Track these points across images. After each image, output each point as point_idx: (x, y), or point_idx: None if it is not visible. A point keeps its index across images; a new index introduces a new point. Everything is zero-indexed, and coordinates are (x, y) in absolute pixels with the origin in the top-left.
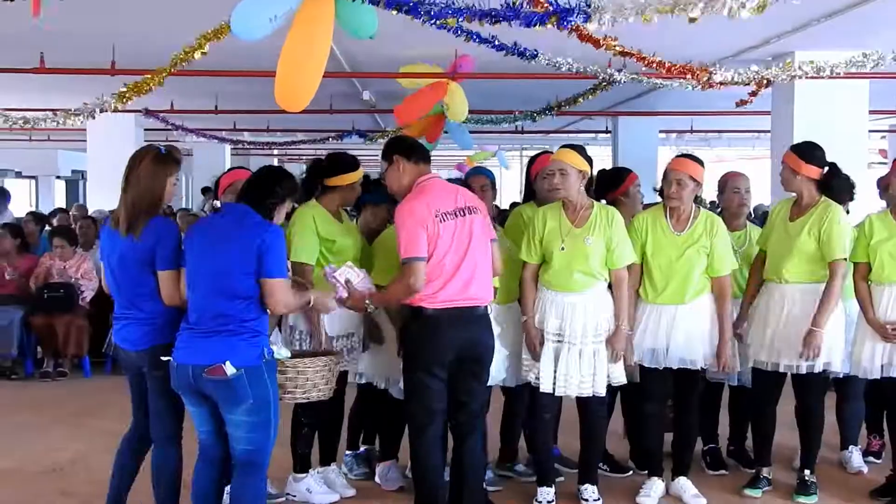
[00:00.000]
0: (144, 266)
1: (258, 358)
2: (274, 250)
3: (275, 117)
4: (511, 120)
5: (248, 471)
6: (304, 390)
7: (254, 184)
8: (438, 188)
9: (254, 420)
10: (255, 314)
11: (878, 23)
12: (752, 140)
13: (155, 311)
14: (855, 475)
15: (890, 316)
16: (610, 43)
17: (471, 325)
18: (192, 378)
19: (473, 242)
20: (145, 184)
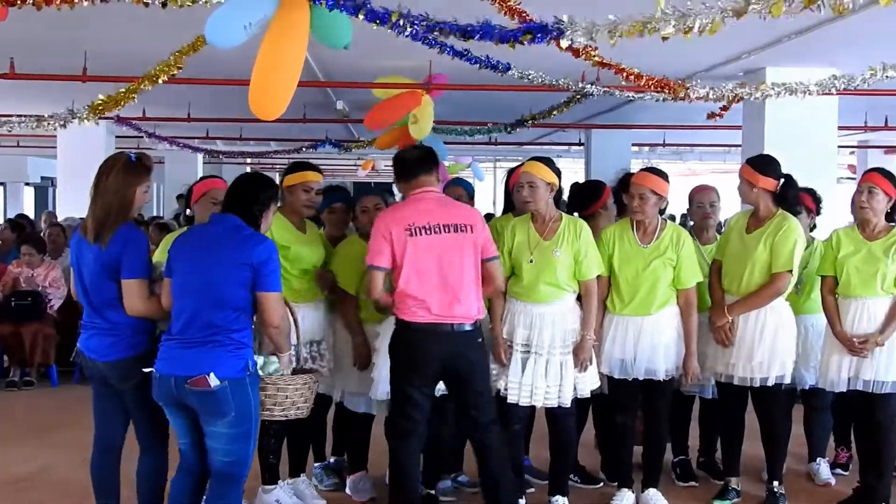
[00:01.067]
0: (110, 274)
1: (242, 370)
2: (269, 264)
3: (248, 126)
4: (485, 132)
5: (225, 482)
6: (283, 408)
7: (238, 193)
8: (423, 202)
9: (234, 432)
10: (242, 326)
11: (847, 40)
12: (724, 154)
13: (119, 322)
14: (823, 487)
15: (856, 329)
16: (590, 53)
17: (453, 341)
18: (174, 389)
19: (459, 259)
20: (114, 192)
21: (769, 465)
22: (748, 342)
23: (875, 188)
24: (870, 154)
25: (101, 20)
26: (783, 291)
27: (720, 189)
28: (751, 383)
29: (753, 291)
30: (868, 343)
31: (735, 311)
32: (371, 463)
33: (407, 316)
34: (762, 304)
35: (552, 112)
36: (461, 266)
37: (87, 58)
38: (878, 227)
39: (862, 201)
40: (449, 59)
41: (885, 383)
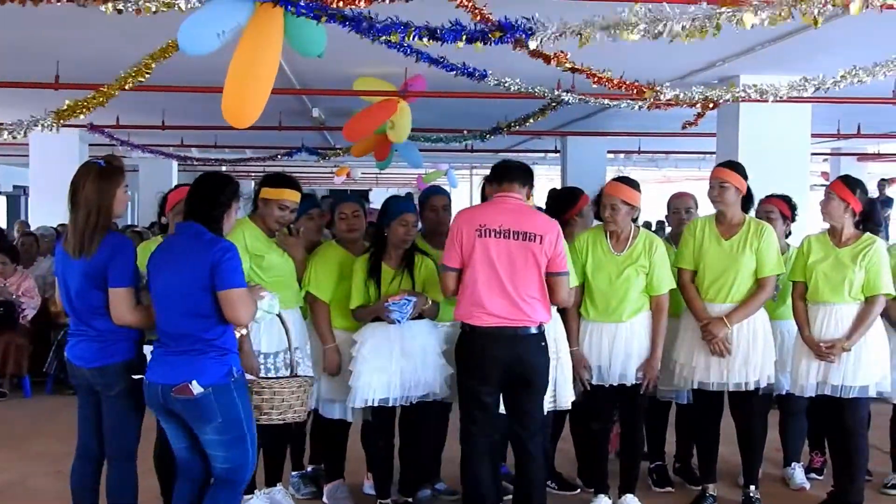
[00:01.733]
0: (96, 283)
1: (226, 376)
2: (225, 262)
3: (223, 133)
4: (461, 139)
5: (223, 487)
6: (279, 411)
7: (196, 197)
8: (498, 205)
9: (226, 438)
10: (219, 332)
11: (820, 47)
12: (699, 161)
13: (106, 329)
14: (798, 491)
15: (824, 335)
16: (561, 58)
17: (517, 344)
18: (161, 397)
19: (523, 265)
20: (93, 202)
21: (745, 470)
22: (744, 348)
23: (831, 194)
24: (843, 161)
25: (74, 27)
26: (772, 294)
27: (697, 195)
28: (745, 387)
29: (748, 298)
30: (835, 348)
31: (735, 320)
32: (348, 471)
33: (471, 320)
34: (757, 310)
35: (528, 119)
36: (525, 272)
37: (60, 65)
38: (847, 234)
39: (821, 207)
40: (425, 67)
41: (852, 388)
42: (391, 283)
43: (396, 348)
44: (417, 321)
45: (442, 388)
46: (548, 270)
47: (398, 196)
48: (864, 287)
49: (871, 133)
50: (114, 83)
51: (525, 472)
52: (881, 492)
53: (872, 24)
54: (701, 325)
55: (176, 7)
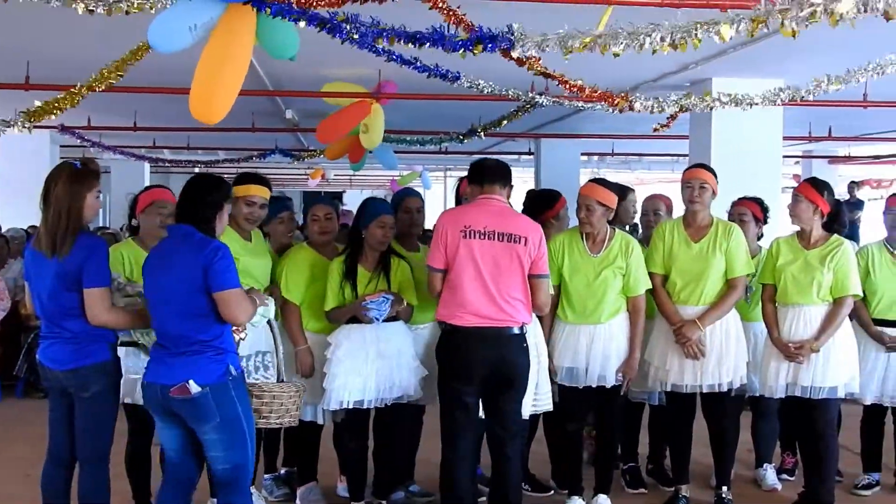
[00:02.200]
0: (70, 285)
1: (223, 375)
2: (217, 263)
3: (195, 135)
4: (436, 141)
5: (230, 490)
6: (278, 415)
7: (187, 199)
8: (483, 206)
9: (226, 437)
10: (215, 332)
11: (792, 51)
12: (672, 164)
13: (80, 331)
14: (769, 492)
15: (793, 336)
16: (533, 63)
17: (500, 344)
18: (160, 397)
19: (507, 266)
20: (63, 203)
21: (717, 472)
22: (717, 349)
23: (800, 196)
24: (814, 164)
25: (45, 27)
26: (743, 295)
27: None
28: (718, 389)
29: (719, 299)
30: (804, 349)
31: (708, 322)
32: (321, 473)
33: (453, 320)
34: (729, 310)
35: (502, 121)
36: (509, 273)
37: (31, 65)
38: (815, 236)
39: (789, 209)
40: (398, 68)
41: (821, 389)
42: (367, 285)
43: (372, 350)
44: (392, 323)
45: (416, 390)
46: (530, 272)
47: (376, 198)
48: (832, 288)
49: (841, 136)
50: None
51: (502, 474)
52: (852, 492)
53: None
54: (674, 328)
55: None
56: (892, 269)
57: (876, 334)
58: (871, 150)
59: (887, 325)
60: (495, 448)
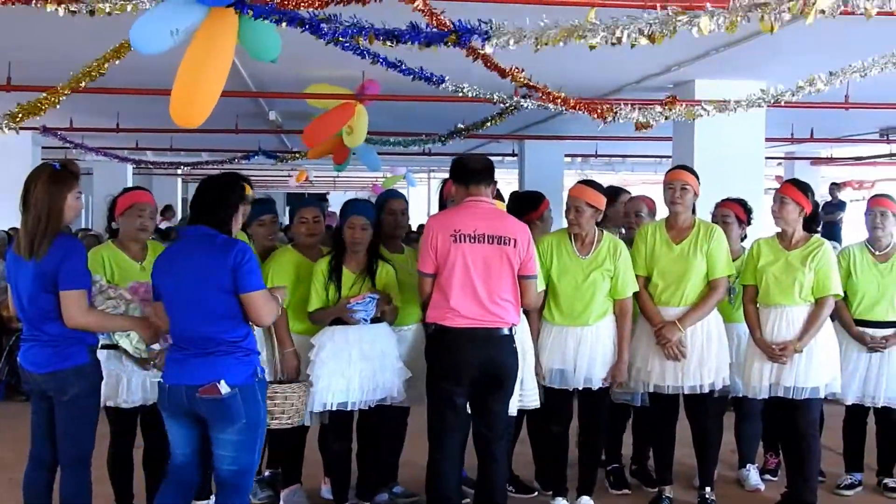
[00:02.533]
0: (47, 287)
1: (251, 377)
2: (246, 265)
3: (178, 136)
4: (419, 142)
5: (232, 492)
6: (289, 416)
7: (202, 200)
8: (472, 209)
9: (243, 439)
10: (242, 333)
11: (775, 52)
12: (655, 165)
13: (58, 334)
14: (752, 493)
15: (776, 336)
16: (515, 74)
17: (490, 345)
18: (185, 399)
19: (497, 268)
20: (43, 205)
21: (701, 472)
22: (699, 350)
23: (785, 198)
24: (796, 165)
25: (27, 29)
26: (724, 296)
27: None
28: (700, 390)
29: (700, 300)
30: (787, 350)
31: (688, 323)
32: (305, 475)
33: (444, 321)
34: (710, 312)
35: (486, 123)
36: (499, 275)
37: (12, 66)
38: (796, 237)
39: (774, 211)
40: (382, 70)
41: (804, 389)
42: (352, 287)
43: (355, 352)
44: (376, 325)
45: (400, 392)
46: (519, 273)
47: (357, 199)
48: (813, 288)
49: (823, 137)
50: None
51: (488, 475)
52: (834, 492)
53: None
54: (655, 329)
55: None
56: (874, 269)
57: (858, 335)
58: (853, 152)
59: (869, 326)
60: (482, 449)
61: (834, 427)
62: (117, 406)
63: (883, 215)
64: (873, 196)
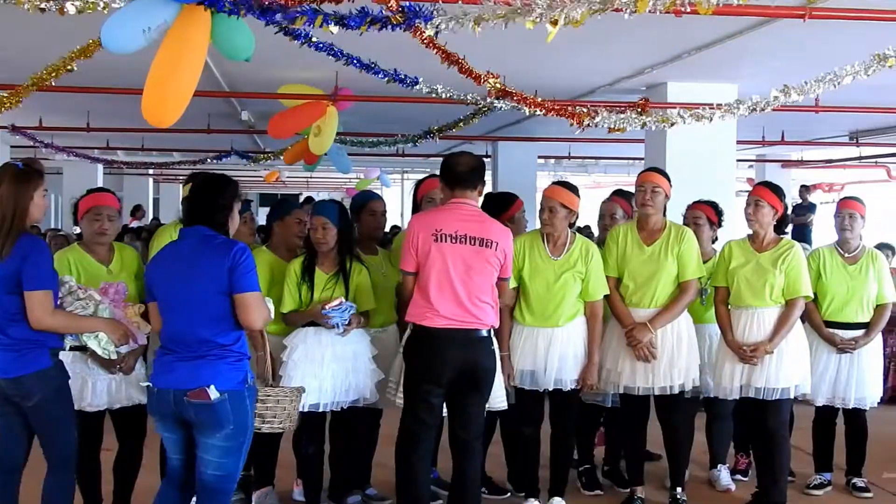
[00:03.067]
0: (9, 288)
1: (241, 383)
2: (242, 266)
3: (150, 136)
4: (392, 143)
5: (214, 497)
6: (280, 420)
7: (199, 201)
8: (455, 211)
9: (228, 445)
10: (234, 337)
11: (746, 55)
12: (628, 167)
13: (21, 337)
14: (724, 493)
15: (747, 338)
16: (491, 80)
17: (469, 346)
18: (173, 403)
19: (479, 270)
20: (9, 204)
21: (672, 473)
22: (668, 351)
23: (761, 201)
24: (767, 168)
25: None
26: (694, 298)
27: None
28: (670, 391)
29: (670, 302)
30: (758, 351)
31: (658, 324)
32: (277, 478)
33: (423, 321)
34: (680, 314)
35: (459, 124)
36: (480, 277)
37: None
38: (767, 239)
39: (749, 213)
40: (356, 71)
41: (775, 390)
42: (325, 288)
43: (328, 353)
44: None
45: (373, 394)
46: (498, 276)
47: (319, 200)
48: (784, 290)
49: (794, 140)
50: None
51: (463, 476)
52: (804, 492)
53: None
54: (625, 330)
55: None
56: (843, 271)
57: (828, 336)
58: (823, 155)
59: (839, 327)
60: (458, 449)
61: (804, 427)
62: (81, 409)
63: (852, 217)
64: (842, 198)
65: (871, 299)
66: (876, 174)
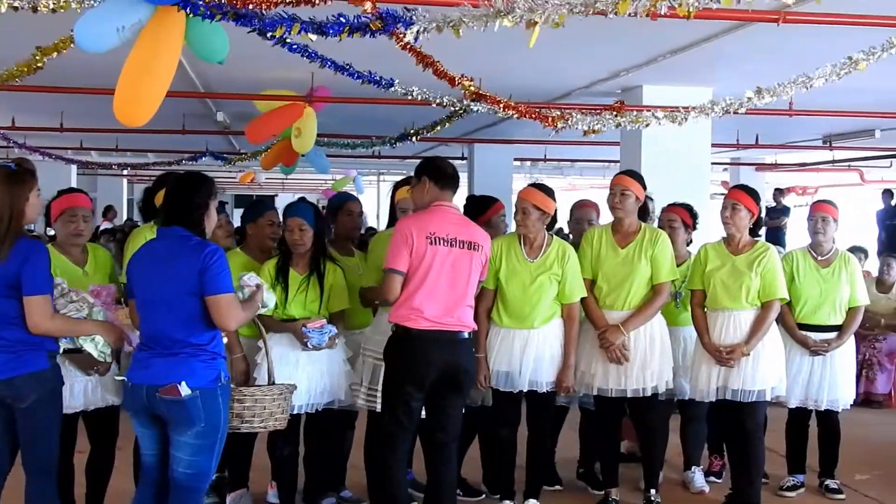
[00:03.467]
0: (6, 291)
1: (214, 381)
2: (213, 267)
3: (124, 136)
4: (368, 145)
5: (185, 495)
6: (261, 419)
7: (175, 200)
8: (444, 214)
9: (200, 443)
10: (208, 336)
11: (721, 59)
12: (603, 169)
13: (17, 339)
14: (697, 494)
15: (723, 340)
16: (465, 83)
17: (454, 348)
18: (145, 398)
19: (466, 274)
20: (5, 206)
21: (646, 474)
22: (641, 354)
23: (738, 204)
24: (742, 171)
25: None
26: (668, 301)
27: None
28: (643, 393)
29: (644, 305)
30: (735, 353)
31: (631, 327)
32: (252, 480)
33: (408, 322)
34: (653, 316)
35: (435, 126)
36: (467, 281)
37: None
38: (742, 242)
39: (726, 217)
40: (331, 73)
41: (751, 392)
42: (299, 289)
43: (302, 355)
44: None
45: (347, 395)
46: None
47: (294, 202)
48: (760, 292)
49: (768, 143)
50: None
51: (439, 478)
52: (777, 494)
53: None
54: (598, 332)
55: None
56: (816, 274)
57: (800, 338)
58: (797, 158)
59: (811, 330)
60: (435, 450)
61: (777, 429)
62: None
63: (824, 221)
64: (815, 202)
65: (843, 302)
66: (849, 178)
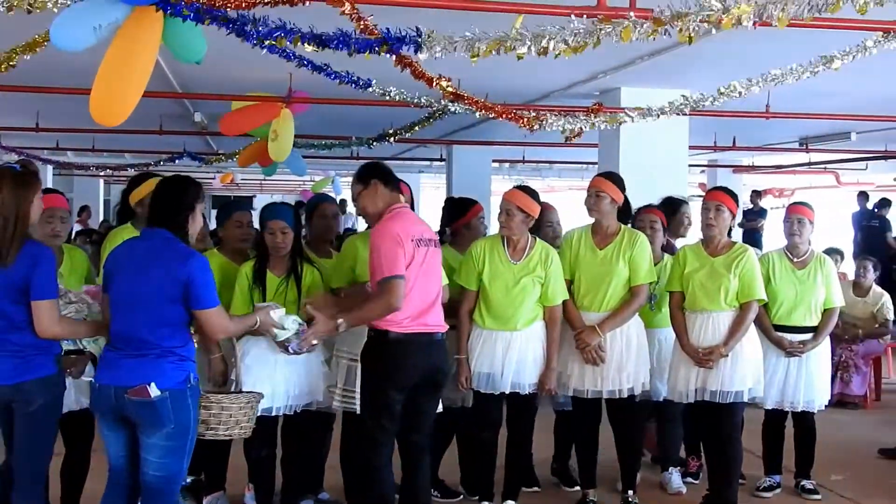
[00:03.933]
0: (14, 296)
1: (183, 383)
2: (201, 280)
3: (101, 137)
4: (346, 146)
5: (157, 498)
6: (226, 427)
7: (160, 202)
8: (411, 217)
9: (170, 445)
10: (180, 341)
11: (697, 61)
12: (582, 171)
13: (24, 344)
14: (675, 495)
15: (702, 341)
16: (442, 84)
17: (433, 350)
18: (114, 399)
19: (436, 273)
20: (11, 209)
21: (623, 475)
22: (617, 355)
23: (722, 206)
24: (719, 173)
25: None
26: (645, 303)
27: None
28: (619, 395)
29: (621, 306)
30: (713, 354)
31: (607, 328)
32: (229, 482)
33: (389, 326)
34: (630, 318)
35: (414, 127)
36: (438, 279)
37: None
38: (720, 244)
39: (710, 219)
40: (309, 73)
41: (729, 393)
42: (277, 291)
43: (280, 356)
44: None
45: (325, 396)
46: None
47: (274, 203)
48: (738, 294)
49: (745, 146)
50: None
51: (415, 477)
52: (754, 494)
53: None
54: (574, 333)
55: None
56: (792, 276)
57: (776, 340)
58: (774, 160)
59: (787, 331)
60: (410, 450)
61: (753, 430)
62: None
63: (800, 223)
64: (791, 204)
65: (819, 304)
66: (825, 180)
